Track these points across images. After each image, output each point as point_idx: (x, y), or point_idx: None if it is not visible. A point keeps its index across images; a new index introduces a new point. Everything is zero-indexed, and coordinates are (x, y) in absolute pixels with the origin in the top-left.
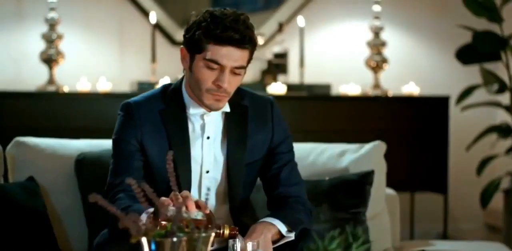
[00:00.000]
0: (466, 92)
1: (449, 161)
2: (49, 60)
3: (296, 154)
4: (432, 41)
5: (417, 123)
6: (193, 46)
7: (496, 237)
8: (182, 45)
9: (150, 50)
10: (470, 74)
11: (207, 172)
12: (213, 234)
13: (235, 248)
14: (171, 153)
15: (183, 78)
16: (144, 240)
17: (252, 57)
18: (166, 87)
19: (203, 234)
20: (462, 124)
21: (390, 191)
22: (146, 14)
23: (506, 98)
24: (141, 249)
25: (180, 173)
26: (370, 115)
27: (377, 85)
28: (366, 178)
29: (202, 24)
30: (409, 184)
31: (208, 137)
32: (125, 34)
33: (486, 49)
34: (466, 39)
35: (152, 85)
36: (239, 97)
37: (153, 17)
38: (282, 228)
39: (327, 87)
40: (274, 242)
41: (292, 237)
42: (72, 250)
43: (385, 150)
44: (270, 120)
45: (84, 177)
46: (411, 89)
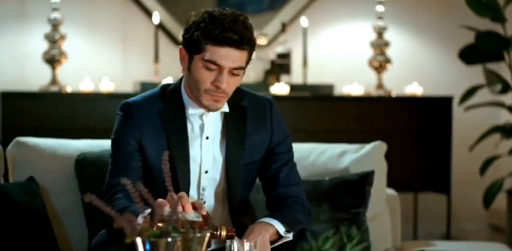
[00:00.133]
0: (469, 92)
1: (452, 161)
2: (52, 60)
3: (296, 154)
4: (435, 41)
5: (420, 123)
6: (191, 47)
7: (499, 237)
8: (181, 46)
9: (153, 51)
10: (474, 74)
11: (206, 172)
12: (208, 235)
13: (232, 248)
14: (167, 153)
15: (182, 78)
16: (138, 240)
17: (251, 58)
18: (165, 87)
19: (198, 235)
20: (465, 124)
21: (391, 191)
22: (149, 14)
23: (509, 98)
24: (136, 249)
25: (179, 173)
26: (373, 115)
27: (380, 85)
28: (366, 178)
29: (200, 24)
30: (412, 184)
31: (207, 137)
32: (128, 34)
33: (489, 49)
34: (469, 39)
35: (155, 85)
36: (238, 97)
37: (156, 18)
38: (280, 228)
39: (330, 87)
40: (273, 242)
41: (290, 237)
42: (72, 250)
43: (385, 150)
44: (269, 120)
45: (84, 177)
46: (414, 89)
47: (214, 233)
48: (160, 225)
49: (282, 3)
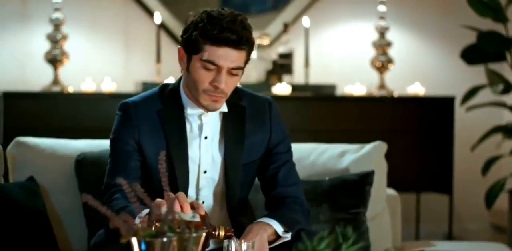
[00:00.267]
0: (471, 92)
1: (454, 161)
2: (53, 60)
3: (296, 154)
4: (437, 41)
5: (422, 124)
6: (190, 47)
7: (502, 238)
8: (179, 46)
9: (155, 50)
10: (476, 74)
11: (205, 172)
12: (204, 235)
13: (230, 248)
14: (164, 153)
15: (181, 78)
16: (134, 240)
17: (249, 58)
18: (164, 87)
19: (194, 235)
20: (467, 124)
21: (391, 191)
22: (151, 14)
23: (511, 98)
24: (131, 249)
25: (177, 173)
26: (375, 116)
27: (382, 85)
28: (366, 179)
29: (199, 24)
30: (414, 184)
31: (205, 137)
32: (130, 34)
33: (490, 49)
34: (471, 39)
35: (157, 85)
36: (237, 97)
37: (157, 17)
38: (279, 228)
39: (332, 88)
40: (271, 242)
41: (288, 237)
42: (71, 250)
43: (385, 150)
44: (268, 120)
45: (84, 177)
46: (417, 89)
47: (212, 233)
48: (158, 225)
49: (285, 3)
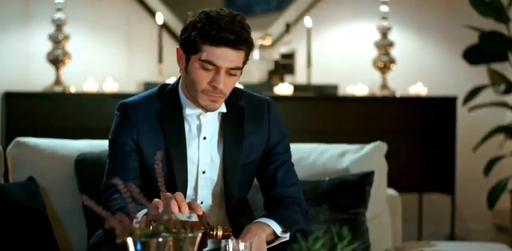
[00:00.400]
0: (473, 92)
1: (456, 161)
2: (55, 60)
3: (296, 155)
4: (439, 42)
5: (424, 124)
6: (188, 47)
7: (504, 238)
8: (178, 46)
9: (157, 51)
10: (478, 75)
11: (204, 172)
12: (199, 235)
13: (227, 248)
14: (160, 154)
15: (180, 79)
16: (129, 240)
17: (248, 58)
18: (163, 87)
19: (190, 235)
20: (469, 124)
21: (392, 191)
22: (153, 15)
23: None
24: (127, 249)
25: (176, 173)
26: (377, 116)
27: (384, 86)
28: (366, 179)
29: (197, 24)
30: (416, 184)
31: (204, 138)
32: (132, 35)
33: (492, 49)
34: (473, 40)
35: None
36: (236, 97)
37: (159, 18)
38: (277, 228)
39: (334, 88)
40: (269, 243)
41: (287, 237)
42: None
43: (386, 151)
44: (266, 120)
45: (83, 178)
46: (419, 89)
47: (210, 233)
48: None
49: (288, 4)
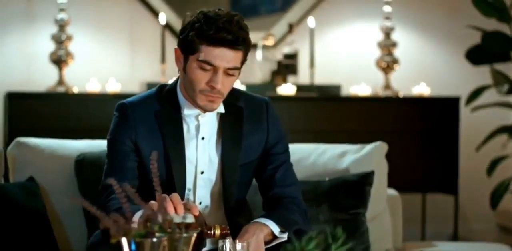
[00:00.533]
0: (476, 92)
1: (459, 161)
2: (58, 61)
3: (297, 155)
4: (442, 42)
5: (427, 124)
6: (186, 47)
7: (508, 238)
8: (176, 46)
9: (160, 51)
10: (481, 75)
11: (202, 173)
12: (194, 235)
13: (225, 248)
14: (156, 154)
15: (178, 79)
16: (124, 240)
17: (246, 58)
18: (162, 88)
19: (184, 235)
20: (472, 124)
21: (392, 191)
22: (156, 15)
23: None
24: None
25: (174, 174)
26: (380, 116)
27: (387, 86)
28: (366, 179)
29: (195, 25)
30: (419, 184)
31: (203, 138)
32: (135, 35)
33: (495, 49)
34: (476, 40)
35: None
36: (234, 98)
37: (162, 18)
38: (275, 228)
39: (337, 88)
40: (268, 243)
41: (285, 237)
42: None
43: (386, 151)
44: (265, 120)
45: (83, 178)
46: (422, 89)
47: (208, 232)
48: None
49: (292, 4)
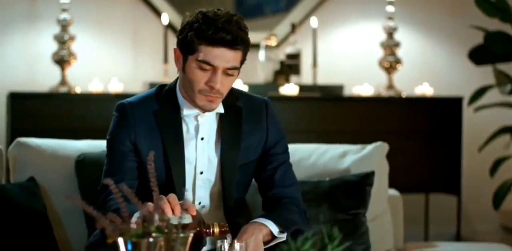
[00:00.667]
0: (479, 92)
1: (462, 161)
2: (61, 61)
3: (297, 155)
4: (445, 42)
5: (430, 124)
6: (185, 47)
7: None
8: (175, 46)
9: (163, 51)
10: (483, 75)
11: (201, 173)
12: (191, 235)
13: (223, 249)
14: (152, 154)
15: (178, 79)
16: (120, 240)
17: (245, 58)
18: (161, 88)
19: (181, 235)
20: (475, 125)
21: (394, 191)
22: (159, 15)
23: None
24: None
25: (174, 174)
26: (383, 116)
27: (390, 86)
28: (366, 179)
29: (194, 25)
30: (422, 185)
31: (202, 138)
32: (137, 35)
33: (498, 49)
34: (479, 40)
35: None
36: (234, 98)
37: (165, 18)
38: (274, 228)
39: (340, 88)
40: (266, 243)
41: (284, 237)
42: None
43: (387, 151)
44: (264, 121)
45: (84, 178)
46: (425, 89)
47: (207, 231)
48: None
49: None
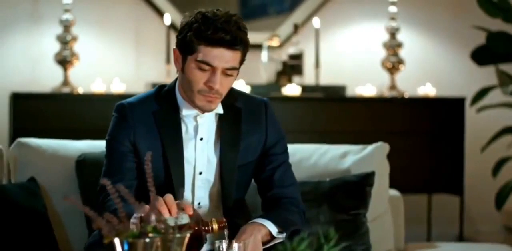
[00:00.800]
0: (481, 93)
1: (465, 162)
2: (63, 61)
3: (298, 155)
4: (447, 42)
5: (433, 124)
6: (185, 48)
7: None
8: (175, 47)
9: (165, 51)
10: (486, 75)
11: (200, 173)
12: (188, 235)
13: (221, 249)
14: (150, 154)
15: (177, 79)
16: (116, 240)
17: (245, 58)
18: (161, 88)
19: (178, 235)
20: (477, 125)
21: (395, 192)
22: (161, 15)
23: None
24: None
25: (173, 174)
26: (386, 117)
27: (393, 86)
28: (366, 180)
29: (193, 25)
30: (425, 185)
31: (201, 139)
32: (140, 35)
33: (500, 49)
34: (481, 40)
35: None
36: (233, 98)
37: (167, 18)
38: (273, 229)
39: (343, 88)
40: (265, 243)
41: (283, 238)
42: None
43: (388, 151)
44: (263, 121)
45: (84, 178)
46: (427, 90)
47: (206, 228)
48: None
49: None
